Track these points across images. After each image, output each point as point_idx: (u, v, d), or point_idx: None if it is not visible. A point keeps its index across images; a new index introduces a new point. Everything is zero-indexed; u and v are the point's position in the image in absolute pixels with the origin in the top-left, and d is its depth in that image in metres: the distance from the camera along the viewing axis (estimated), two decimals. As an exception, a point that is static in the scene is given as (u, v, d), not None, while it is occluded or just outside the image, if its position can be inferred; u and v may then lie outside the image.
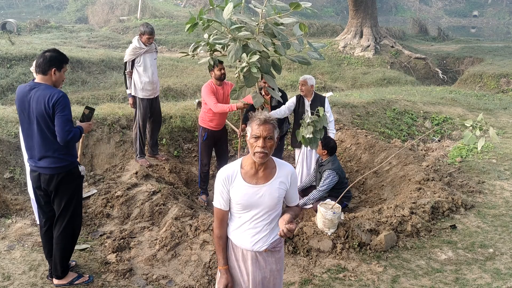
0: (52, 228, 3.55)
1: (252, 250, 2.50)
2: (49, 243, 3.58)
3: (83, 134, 3.66)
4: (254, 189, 2.41)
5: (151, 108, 5.74)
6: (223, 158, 5.62)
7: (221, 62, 5.13)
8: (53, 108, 3.17)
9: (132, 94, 5.62)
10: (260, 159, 2.34)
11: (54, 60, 3.24)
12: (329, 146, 5.12)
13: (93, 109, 3.70)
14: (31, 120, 3.26)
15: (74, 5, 27.06)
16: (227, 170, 2.46)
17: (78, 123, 3.57)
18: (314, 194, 5.07)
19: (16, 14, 27.25)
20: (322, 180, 5.05)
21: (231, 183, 2.43)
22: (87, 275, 3.71)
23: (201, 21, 3.78)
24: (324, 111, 5.45)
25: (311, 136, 4.27)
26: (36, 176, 3.41)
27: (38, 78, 3.28)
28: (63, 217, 3.47)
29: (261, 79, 4.24)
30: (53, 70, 3.24)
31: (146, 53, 5.49)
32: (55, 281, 3.58)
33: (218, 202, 2.48)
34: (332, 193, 5.05)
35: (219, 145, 5.61)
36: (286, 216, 2.39)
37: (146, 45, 5.43)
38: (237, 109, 4.95)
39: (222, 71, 5.16)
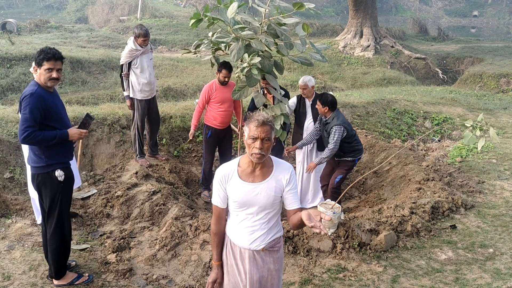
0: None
1: (250, 248, 2.50)
2: (47, 244, 3.57)
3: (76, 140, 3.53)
4: (250, 187, 2.42)
5: (149, 109, 5.73)
6: (226, 157, 5.64)
7: (230, 71, 5.17)
8: (20, 105, 3.18)
9: (130, 96, 5.60)
10: (257, 160, 2.36)
11: (35, 58, 3.21)
12: (328, 101, 4.89)
13: (92, 118, 3.65)
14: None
15: (74, 5, 27.05)
16: (224, 168, 2.48)
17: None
18: (326, 152, 4.94)
19: (16, 14, 27.24)
20: (330, 138, 4.90)
21: (227, 181, 2.45)
22: (87, 275, 3.71)
23: (206, 18, 3.78)
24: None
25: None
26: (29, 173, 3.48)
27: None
28: (51, 219, 3.43)
29: (263, 80, 4.24)
30: (33, 67, 3.24)
31: (143, 54, 5.46)
32: (55, 281, 3.58)
33: (216, 200, 2.52)
34: (344, 148, 4.97)
35: (222, 144, 5.65)
36: (312, 212, 2.15)
37: (142, 47, 5.42)
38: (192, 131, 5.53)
39: (226, 79, 5.26)
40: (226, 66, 5.15)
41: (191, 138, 5.61)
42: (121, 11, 23.28)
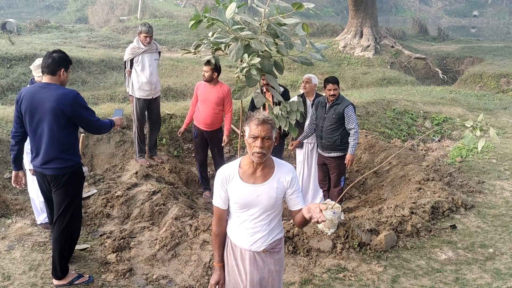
0: None
1: (250, 250, 2.50)
2: None
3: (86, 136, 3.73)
4: (252, 189, 2.41)
5: (148, 109, 5.72)
6: (217, 161, 5.59)
7: (207, 65, 5.09)
8: (72, 107, 3.28)
9: (130, 93, 5.63)
10: (258, 159, 2.35)
11: (63, 61, 3.36)
12: (338, 81, 4.91)
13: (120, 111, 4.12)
14: (41, 120, 3.29)
15: (74, 5, 27.05)
16: (225, 170, 2.47)
17: (112, 117, 3.83)
18: (352, 138, 4.90)
19: (16, 14, 27.24)
20: (349, 119, 4.87)
21: (229, 182, 2.44)
22: (87, 275, 3.71)
23: (205, 19, 3.78)
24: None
25: (281, 114, 4.19)
26: (41, 176, 3.45)
27: (46, 79, 3.34)
28: (63, 218, 3.46)
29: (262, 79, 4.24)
30: (62, 70, 3.36)
31: (145, 53, 5.48)
32: (55, 281, 3.58)
33: (217, 201, 2.51)
34: (343, 137, 4.95)
35: (211, 147, 5.59)
36: (312, 205, 2.21)
37: (144, 45, 5.43)
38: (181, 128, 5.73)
39: (203, 73, 5.19)
40: (207, 62, 5.09)
41: (179, 135, 5.86)
42: (121, 11, 23.28)
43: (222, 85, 5.34)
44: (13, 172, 3.60)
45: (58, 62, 3.32)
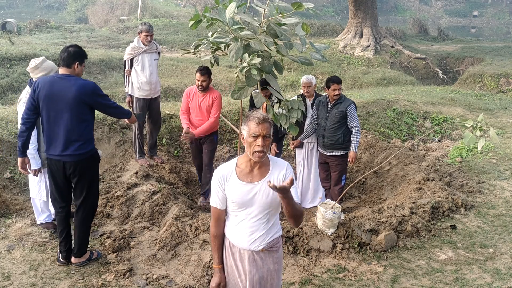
0: (68, 213, 3.78)
1: (249, 249, 2.50)
2: (67, 227, 3.79)
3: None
4: (249, 187, 2.42)
5: (149, 109, 5.73)
6: (205, 161, 5.31)
7: (203, 74, 4.90)
8: (92, 96, 3.49)
9: (129, 93, 5.64)
10: (258, 158, 2.36)
11: (77, 55, 3.56)
12: (341, 80, 4.96)
13: (141, 113, 4.38)
14: (62, 108, 3.43)
15: (74, 5, 27.06)
16: (222, 169, 2.48)
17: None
18: (355, 136, 4.95)
19: (16, 14, 27.23)
20: (352, 118, 4.91)
21: (226, 182, 2.45)
22: (95, 251, 3.96)
23: (205, 19, 3.79)
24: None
25: (282, 112, 4.17)
26: (57, 165, 3.55)
27: (62, 70, 3.53)
28: (89, 200, 3.72)
29: (261, 86, 4.22)
30: (76, 63, 3.55)
31: (145, 53, 5.50)
32: (77, 259, 3.79)
33: (214, 201, 2.51)
34: (346, 135, 4.98)
35: (203, 147, 5.31)
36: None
37: (145, 44, 5.45)
38: (185, 131, 5.02)
39: (200, 83, 4.92)
40: (199, 69, 4.90)
41: (186, 138, 5.09)
42: (121, 11, 23.28)
43: (213, 92, 5.08)
44: (19, 159, 3.69)
45: (72, 56, 3.51)
